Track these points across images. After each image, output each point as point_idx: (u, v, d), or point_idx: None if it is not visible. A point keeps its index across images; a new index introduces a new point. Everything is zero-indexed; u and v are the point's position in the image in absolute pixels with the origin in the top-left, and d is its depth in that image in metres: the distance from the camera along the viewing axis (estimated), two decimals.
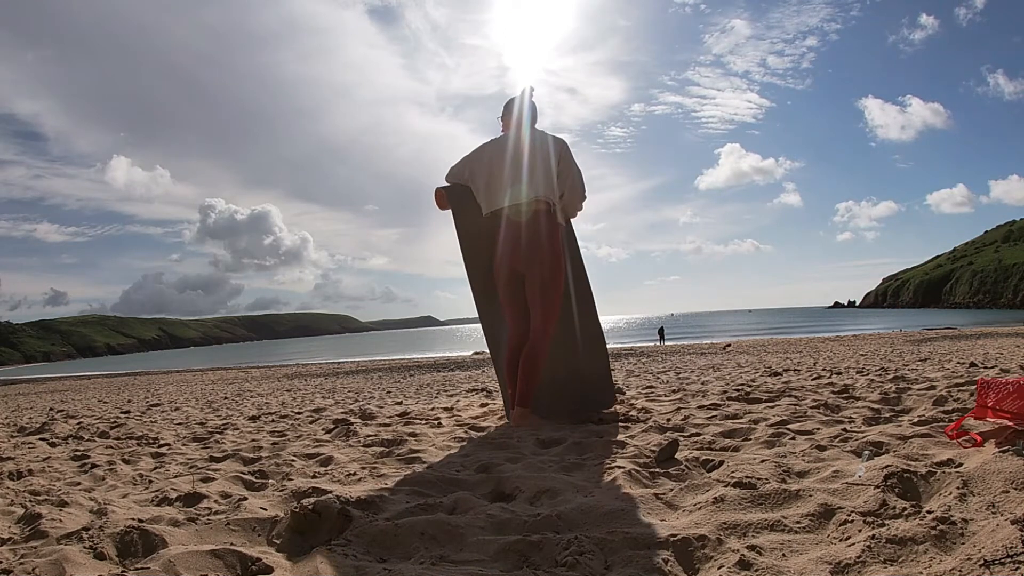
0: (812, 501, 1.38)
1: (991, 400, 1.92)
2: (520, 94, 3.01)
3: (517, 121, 2.99)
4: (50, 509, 1.66)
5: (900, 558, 1.07)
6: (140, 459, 2.64)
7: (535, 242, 2.82)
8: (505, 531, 1.35)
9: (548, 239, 2.84)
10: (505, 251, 2.90)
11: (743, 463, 1.79)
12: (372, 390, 7.67)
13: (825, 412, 2.69)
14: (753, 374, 5.75)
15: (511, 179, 2.87)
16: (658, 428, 2.54)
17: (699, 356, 12.98)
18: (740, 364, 8.40)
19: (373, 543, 1.31)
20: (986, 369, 4.73)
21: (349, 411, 4.17)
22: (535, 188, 2.84)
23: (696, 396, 3.72)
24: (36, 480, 2.27)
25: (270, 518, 1.49)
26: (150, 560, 1.23)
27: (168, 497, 1.81)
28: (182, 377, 20.14)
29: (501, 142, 2.98)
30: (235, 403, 6.54)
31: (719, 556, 1.17)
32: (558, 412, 3.06)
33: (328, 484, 1.86)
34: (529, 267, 2.84)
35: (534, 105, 3.01)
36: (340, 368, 19.02)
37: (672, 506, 1.50)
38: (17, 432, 4.17)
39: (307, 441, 2.87)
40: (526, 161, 2.86)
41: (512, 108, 3.03)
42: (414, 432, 2.85)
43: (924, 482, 1.43)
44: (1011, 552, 0.98)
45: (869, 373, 4.85)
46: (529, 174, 2.85)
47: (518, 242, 2.84)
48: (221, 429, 3.66)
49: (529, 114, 2.98)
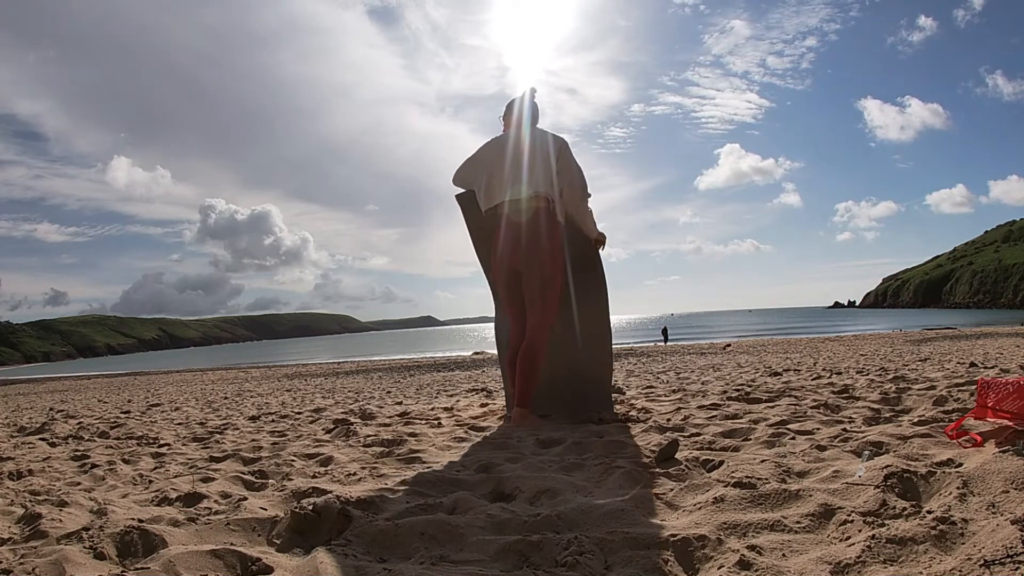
0: (812, 501, 1.38)
1: (991, 400, 1.92)
2: (521, 95, 3.03)
3: (517, 120, 3.00)
4: (50, 509, 1.66)
5: (900, 558, 1.07)
6: (140, 459, 2.64)
7: (535, 241, 2.82)
8: (505, 531, 1.35)
9: (548, 238, 2.84)
10: (505, 249, 2.90)
11: (743, 463, 1.79)
12: (372, 390, 7.67)
13: (825, 412, 2.69)
14: (753, 374, 5.75)
15: (511, 177, 2.88)
16: (658, 428, 2.54)
17: (699, 356, 12.98)
18: (740, 364, 8.40)
19: (373, 543, 1.31)
20: (986, 369, 4.73)
21: (349, 411, 4.17)
22: (535, 185, 2.85)
23: (696, 396, 3.72)
24: (36, 480, 2.27)
25: (270, 518, 1.49)
26: (150, 560, 1.23)
27: (168, 497, 1.81)
28: (182, 377, 20.14)
29: (501, 141, 3.00)
30: (235, 403, 6.54)
31: (719, 556, 1.17)
32: (555, 411, 3.07)
33: (328, 484, 1.86)
34: (529, 266, 2.84)
35: (535, 105, 3.02)
36: (340, 368, 19.02)
37: (672, 506, 1.50)
38: (17, 432, 4.17)
39: (307, 441, 2.87)
40: (526, 159, 2.87)
41: (513, 108, 3.04)
42: (414, 432, 2.85)
43: (924, 482, 1.43)
44: (1011, 552, 0.98)
45: (869, 373, 4.85)
46: (529, 172, 2.86)
47: (518, 240, 2.85)
48: (221, 429, 3.67)
49: (530, 113, 2.99)
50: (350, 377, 12.73)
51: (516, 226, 2.86)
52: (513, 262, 2.89)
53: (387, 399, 5.69)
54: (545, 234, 2.84)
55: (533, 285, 2.85)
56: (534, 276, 2.84)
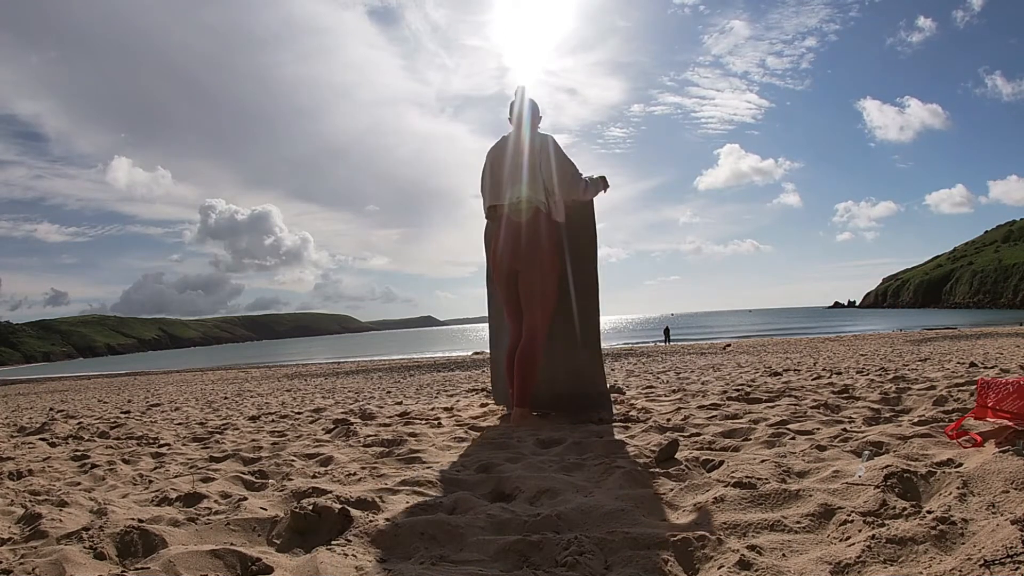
0: (812, 501, 1.38)
1: (991, 400, 1.92)
2: (519, 96, 3.04)
3: (516, 121, 3.02)
4: (50, 509, 1.66)
5: (900, 558, 1.07)
6: (140, 459, 2.64)
7: (535, 242, 2.83)
8: (505, 531, 1.35)
9: (548, 239, 2.85)
10: (506, 250, 2.91)
11: (743, 463, 1.79)
12: (372, 390, 7.67)
13: (825, 412, 2.69)
14: (753, 374, 5.75)
15: (511, 178, 2.89)
16: (658, 428, 2.54)
17: (699, 356, 12.98)
18: (740, 364, 8.40)
19: (373, 543, 1.31)
20: (986, 369, 4.73)
21: (349, 411, 4.17)
22: (533, 187, 2.86)
23: (696, 396, 3.72)
24: (36, 480, 2.27)
25: (270, 518, 1.49)
26: (150, 560, 1.23)
27: (168, 497, 1.81)
28: (182, 377, 20.14)
29: (502, 143, 3.01)
30: (235, 403, 6.54)
31: (719, 556, 1.17)
32: (554, 409, 3.07)
33: (328, 484, 1.86)
34: (528, 267, 2.85)
35: (534, 104, 3.02)
36: (340, 368, 19.01)
37: (672, 506, 1.50)
38: (17, 432, 4.17)
39: (307, 441, 2.87)
40: (526, 160, 2.87)
41: (513, 109, 3.07)
42: (414, 432, 2.85)
43: (924, 482, 1.43)
44: (1011, 552, 0.98)
45: (869, 373, 4.85)
46: (529, 173, 2.87)
47: (518, 241, 2.86)
48: (221, 429, 3.67)
49: (529, 114, 3.00)
50: (350, 377, 12.73)
51: (516, 226, 2.87)
52: (512, 262, 2.89)
53: (387, 399, 5.69)
54: (545, 235, 2.85)
55: (532, 285, 2.86)
56: (533, 276, 2.85)
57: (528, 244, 2.85)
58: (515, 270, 2.91)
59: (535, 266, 2.84)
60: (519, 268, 2.89)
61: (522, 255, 2.87)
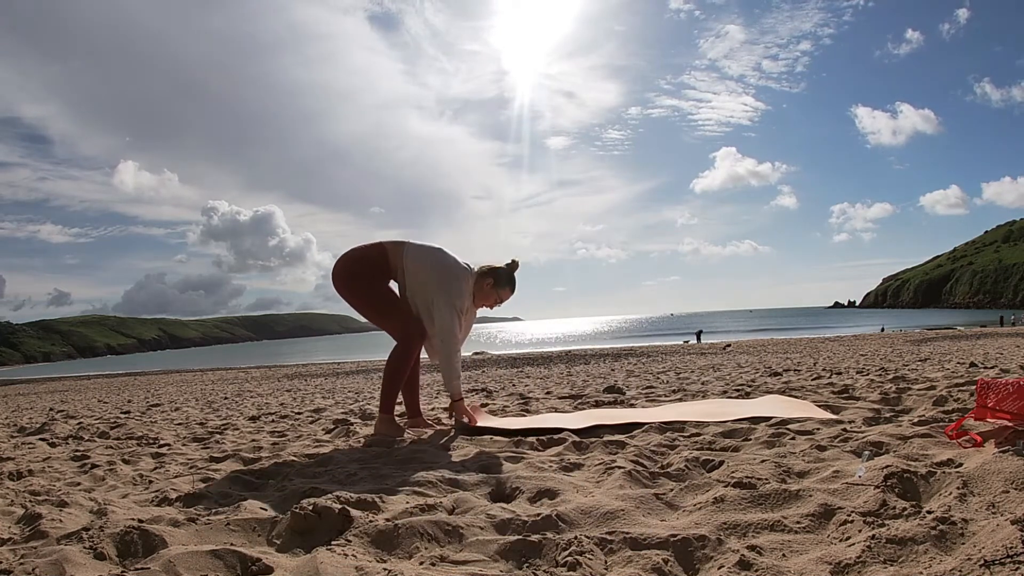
0: (812, 501, 1.38)
1: (991, 400, 1.92)
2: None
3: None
4: (50, 509, 1.66)
5: (900, 558, 1.07)
6: (140, 459, 2.64)
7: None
8: (505, 531, 1.35)
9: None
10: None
11: (743, 463, 1.79)
12: (372, 390, 7.67)
13: (825, 412, 2.69)
14: (753, 374, 5.75)
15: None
16: (658, 428, 2.54)
17: (699, 356, 12.98)
18: (740, 364, 8.40)
19: (373, 543, 1.31)
20: (986, 369, 4.73)
21: (349, 411, 4.17)
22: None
23: (696, 396, 3.72)
24: (36, 480, 2.27)
25: (270, 518, 1.49)
26: (150, 560, 1.23)
27: (168, 497, 1.81)
28: (182, 377, 20.14)
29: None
30: (235, 403, 6.54)
31: (719, 556, 1.17)
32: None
33: (328, 484, 1.86)
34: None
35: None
36: (340, 368, 19.01)
37: (672, 506, 1.50)
38: (17, 432, 4.18)
39: (307, 441, 2.87)
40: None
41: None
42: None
43: (924, 482, 1.43)
44: (1011, 552, 0.98)
45: (869, 373, 4.85)
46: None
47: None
48: (221, 429, 3.67)
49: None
50: (350, 377, 12.73)
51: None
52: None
53: None
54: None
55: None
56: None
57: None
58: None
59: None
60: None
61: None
